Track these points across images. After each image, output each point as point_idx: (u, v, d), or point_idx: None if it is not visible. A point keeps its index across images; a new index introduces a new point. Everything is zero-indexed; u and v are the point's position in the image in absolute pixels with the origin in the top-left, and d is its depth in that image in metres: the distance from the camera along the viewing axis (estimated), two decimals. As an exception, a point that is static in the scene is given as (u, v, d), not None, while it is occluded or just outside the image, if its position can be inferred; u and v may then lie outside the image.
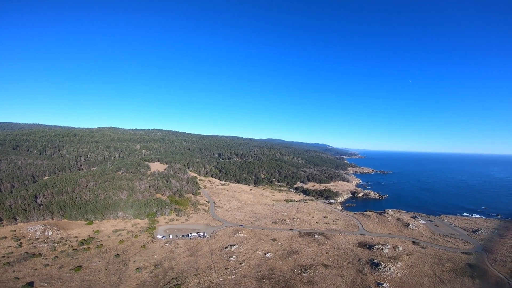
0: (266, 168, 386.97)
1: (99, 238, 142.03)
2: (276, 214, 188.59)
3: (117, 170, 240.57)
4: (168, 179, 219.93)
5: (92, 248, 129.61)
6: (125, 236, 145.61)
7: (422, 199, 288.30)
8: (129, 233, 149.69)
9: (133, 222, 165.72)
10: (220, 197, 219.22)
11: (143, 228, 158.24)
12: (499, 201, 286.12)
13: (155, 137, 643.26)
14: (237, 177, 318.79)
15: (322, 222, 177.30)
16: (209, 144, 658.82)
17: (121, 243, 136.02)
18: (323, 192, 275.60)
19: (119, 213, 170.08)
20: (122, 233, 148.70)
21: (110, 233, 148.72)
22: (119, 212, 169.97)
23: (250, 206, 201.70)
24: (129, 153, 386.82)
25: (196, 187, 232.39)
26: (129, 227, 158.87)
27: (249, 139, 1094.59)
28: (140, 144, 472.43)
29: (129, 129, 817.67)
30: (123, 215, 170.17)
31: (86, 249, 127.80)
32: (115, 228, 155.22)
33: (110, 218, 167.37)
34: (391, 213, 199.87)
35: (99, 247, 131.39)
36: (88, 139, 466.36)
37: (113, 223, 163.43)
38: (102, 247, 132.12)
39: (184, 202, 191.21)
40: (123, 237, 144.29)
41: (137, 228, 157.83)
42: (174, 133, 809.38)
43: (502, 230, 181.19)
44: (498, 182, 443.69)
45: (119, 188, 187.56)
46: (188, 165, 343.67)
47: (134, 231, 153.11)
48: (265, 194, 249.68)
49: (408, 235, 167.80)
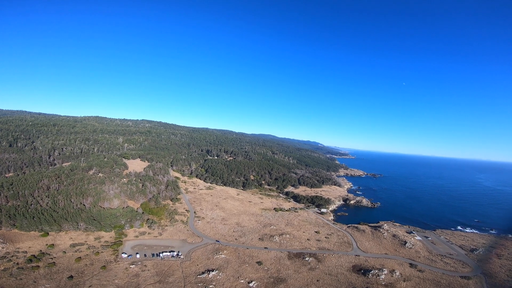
0: (257, 168, 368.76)
1: (53, 254, 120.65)
2: (264, 227, 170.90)
3: (88, 169, 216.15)
4: (144, 183, 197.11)
5: (41, 267, 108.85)
6: (84, 252, 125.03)
7: (414, 210, 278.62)
8: (89, 248, 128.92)
9: (97, 235, 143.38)
10: (203, 204, 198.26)
11: (107, 243, 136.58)
12: (490, 214, 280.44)
13: (142, 128, 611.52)
14: (225, 179, 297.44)
15: (314, 239, 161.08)
16: (198, 138, 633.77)
17: (78, 262, 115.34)
18: (315, 200, 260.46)
19: (81, 224, 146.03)
20: (81, 249, 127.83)
21: (67, 248, 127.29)
22: (80, 223, 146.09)
23: (235, 217, 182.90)
24: (110, 147, 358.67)
25: (176, 192, 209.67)
26: (90, 241, 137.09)
27: (241, 134, 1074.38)
28: (124, 137, 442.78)
29: (117, 118, 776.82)
30: (85, 226, 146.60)
31: (34, 268, 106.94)
32: (74, 242, 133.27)
33: (69, 230, 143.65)
34: (387, 228, 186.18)
35: (51, 266, 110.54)
36: (68, 129, 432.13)
37: (73, 235, 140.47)
38: (54, 266, 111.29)
39: (159, 212, 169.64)
40: (81, 253, 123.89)
41: (100, 242, 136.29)
42: (164, 125, 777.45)
43: (499, 249, 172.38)
44: (487, 191, 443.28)
45: (83, 193, 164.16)
46: (172, 163, 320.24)
47: (96, 246, 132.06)
48: (254, 201, 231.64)
49: (405, 255, 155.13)
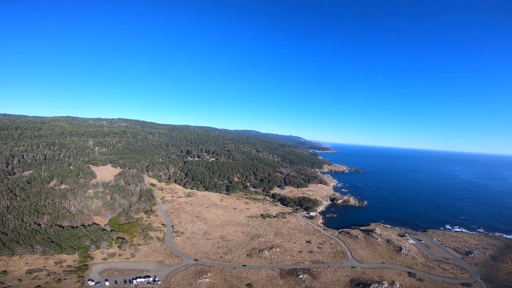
0: (241, 169, 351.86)
1: (6, 283, 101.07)
2: (252, 240, 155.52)
3: (49, 180, 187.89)
4: (113, 195, 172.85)
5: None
6: (44, 280, 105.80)
7: (400, 208, 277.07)
8: (49, 275, 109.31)
9: (57, 258, 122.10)
10: (182, 216, 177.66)
11: (70, 268, 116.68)
12: (473, 210, 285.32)
13: (117, 128, 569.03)
14: (206, 183, 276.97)
15: (306, 251, 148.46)
16: (178, 137, 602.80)
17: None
18: (302, 202, 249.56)
19: (37, 246, 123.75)
20: (39, 275, 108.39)
21: (23, 275, 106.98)
22: (36, 246, 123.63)
23: (219, 229, 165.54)
24: (78, 152, 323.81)
25: (151, 203, 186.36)
26: (50, 265, 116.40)
27: (224, 131, 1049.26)
28: (95, 139, 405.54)
29: (90, 118, 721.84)
30: (42, 249, 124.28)
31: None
32: (31, 268, 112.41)
33: (24, 254, 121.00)
34: (379, 233, 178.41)
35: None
36: (32, 133, 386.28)
37: (29, 259, 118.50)
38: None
39: (131, 228, 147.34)
40: (40, 281, 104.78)
41: (61, 267, 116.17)
42: (141, 124, 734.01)
43: (492, 250, 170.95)
44: (464, 185, 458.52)
45: (38, 211, 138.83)
46: (147, 167, 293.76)
47: (57, 272, 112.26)
48: (239, 207, 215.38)
49: (402, 263, 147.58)
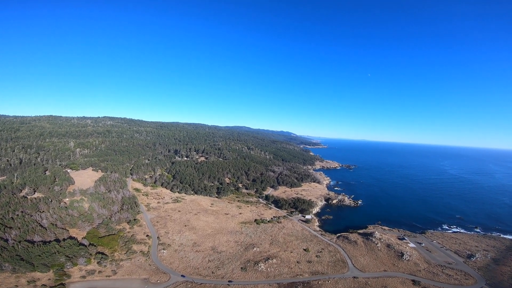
0: (232, 169, 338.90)
1: None
2: (246, 250, 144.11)
3: (21, 189, 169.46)
4: (91, 204, 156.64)
5: None
6: None
7: (395, 208, 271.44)
8: None
9: (30, 276, 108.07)
10: (169, 225, 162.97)
11: (45, 287, 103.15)
12: (466, 207, 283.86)
13: (101, 128, 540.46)
14: (195, 186, 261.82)
15: (304, 261, 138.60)
16: (166, 136, 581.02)
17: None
18: (297, 203, 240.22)
19: (5, 264, 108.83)
20: None
21: None
22: (4, 264, 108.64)
23: (210, 239, 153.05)
24: (57, 154, 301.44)
25: (135, 212, 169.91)
26: (23, 284, 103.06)
27: (215, 127, 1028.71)
28: (76, 140, 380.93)
29: (74, 117, 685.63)
30: (12, 267, 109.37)
31: None
32: None
33: None
34: (379, 237, 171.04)
35: None
36: (8, 134, 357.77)
37: None
38: None
39: (111, 242, 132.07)
40: None
41: (36, 287, 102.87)
42: (128, 122, 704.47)
43: (493, 252, 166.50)
44: (454, 180, 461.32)
45: (6, 225, 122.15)
46: (132, 170, 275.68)
47: None
48: (231, 212, 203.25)
49: (405, 270, 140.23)
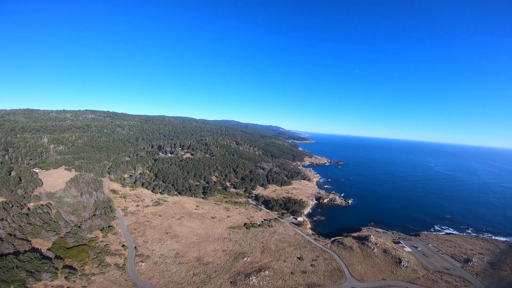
0: (220, 167, 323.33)
1: None
2: (236, 261, 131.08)
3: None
4: (58, 209, 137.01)
5: None
6: None
7: (384, 207, 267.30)
8: None
9: None
10: (148, 233, 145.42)
11: None
12: (454, 207, 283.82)
13: (81, 122, 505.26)
14: (179, 186, 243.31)
15: (299, 271, 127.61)
16: (150, 130, 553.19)
17: None
18: (288, 204, 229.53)
19: None
20: None
21: None
22: None
23: (195, 248, 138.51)
24: (28, 152, 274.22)
25: (109, 217, 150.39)
26: None
27: (202, 121, 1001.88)
28: (51, 135, 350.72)
29: (53, 110, 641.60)
30: None
31: None
32: None
33: None
34: (374, 241, 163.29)
35: None
36: None
37: None
38: None
39: (81, 254, 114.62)
40: None
41: None
42: (111, 115, 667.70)
43: (488, 256, 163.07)
44: (439, 178, 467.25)
45: None
46: (110, 169, 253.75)
47: None
48: (218, 215, 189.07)
49: (404, 277, 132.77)
